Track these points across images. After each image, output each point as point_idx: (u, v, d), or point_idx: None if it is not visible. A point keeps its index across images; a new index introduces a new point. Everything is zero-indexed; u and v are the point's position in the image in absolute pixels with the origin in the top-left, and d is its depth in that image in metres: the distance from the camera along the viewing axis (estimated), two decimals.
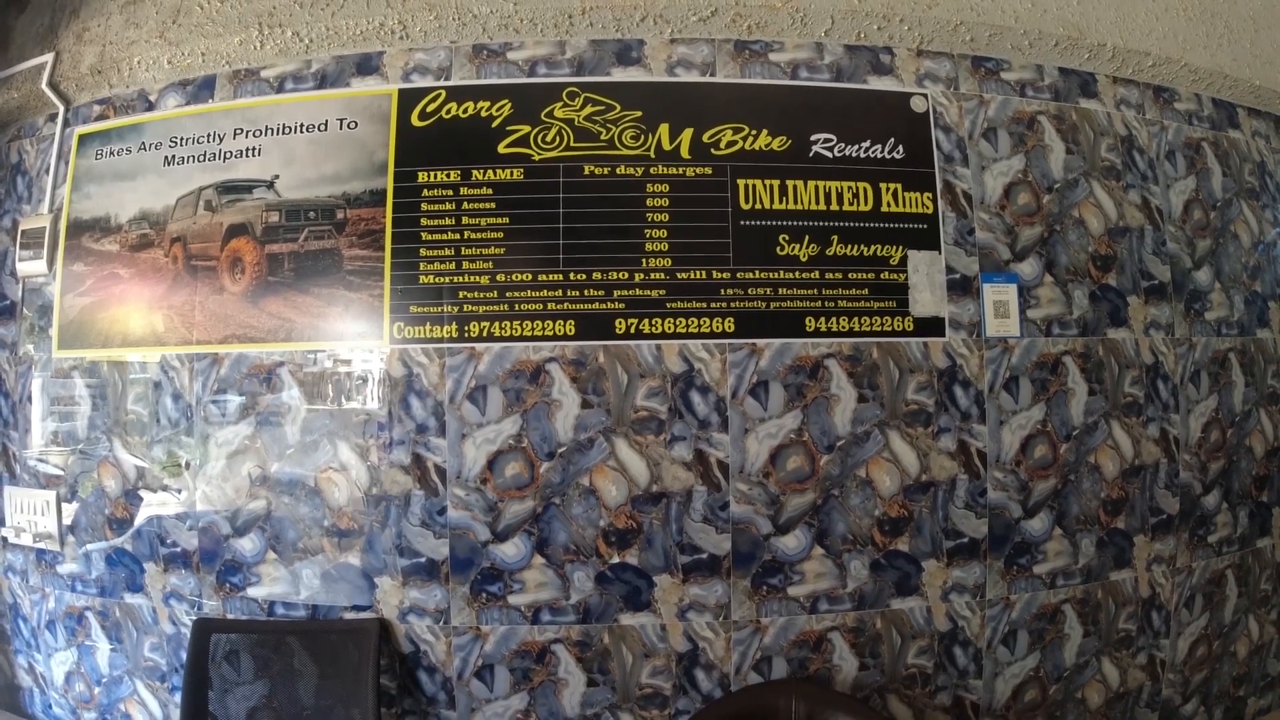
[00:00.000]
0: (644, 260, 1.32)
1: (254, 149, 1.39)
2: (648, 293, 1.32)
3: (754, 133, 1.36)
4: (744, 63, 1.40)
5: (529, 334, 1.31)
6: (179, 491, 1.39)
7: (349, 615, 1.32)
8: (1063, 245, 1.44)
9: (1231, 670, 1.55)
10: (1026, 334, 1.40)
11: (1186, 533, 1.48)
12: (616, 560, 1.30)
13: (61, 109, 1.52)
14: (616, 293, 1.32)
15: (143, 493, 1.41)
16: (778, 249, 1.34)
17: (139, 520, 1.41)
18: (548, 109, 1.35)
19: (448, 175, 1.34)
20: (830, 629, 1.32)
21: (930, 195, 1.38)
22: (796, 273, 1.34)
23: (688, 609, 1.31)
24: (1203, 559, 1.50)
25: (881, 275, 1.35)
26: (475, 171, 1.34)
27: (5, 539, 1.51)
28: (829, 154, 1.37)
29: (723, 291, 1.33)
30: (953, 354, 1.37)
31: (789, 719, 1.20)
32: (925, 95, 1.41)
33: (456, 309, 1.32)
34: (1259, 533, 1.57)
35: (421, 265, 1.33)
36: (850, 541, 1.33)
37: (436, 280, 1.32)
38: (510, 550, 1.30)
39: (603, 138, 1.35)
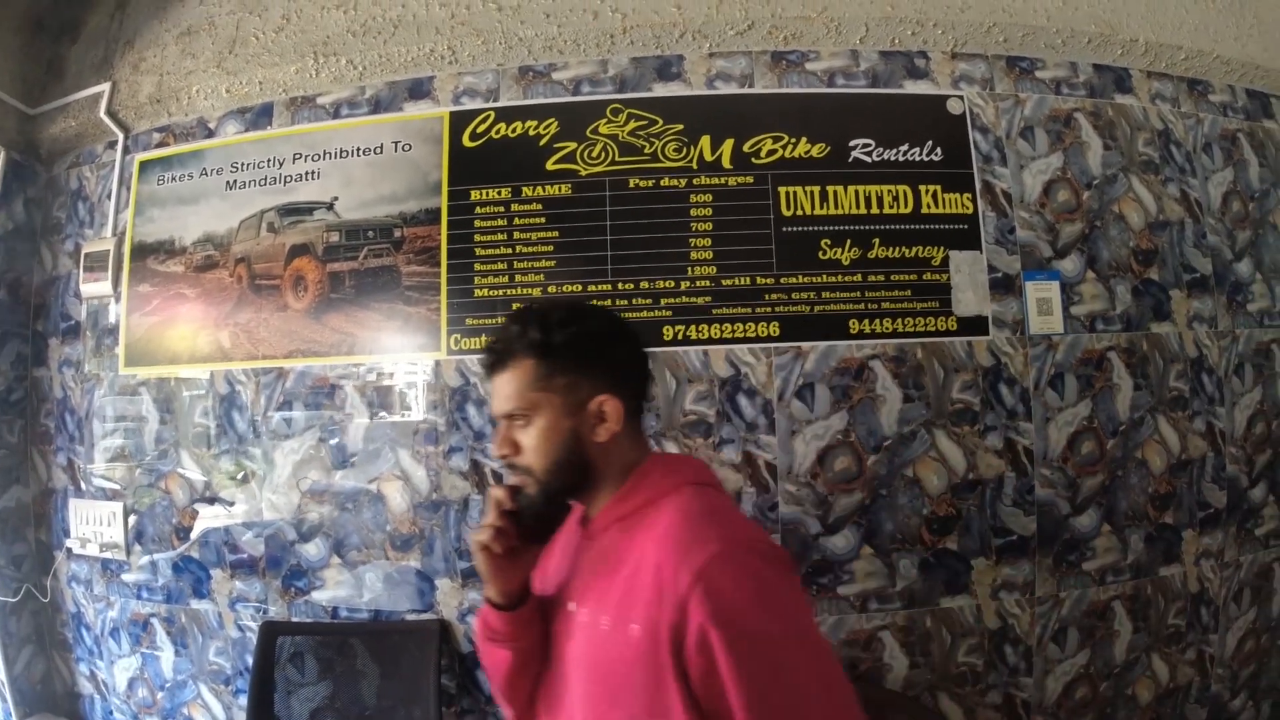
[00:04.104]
0: (689, 269, 1.36)
1: (313, 172, 1.45)
2: (694, 300, 1.35)
3: (793, 141, 1.39)
4: (781, 73, 1.43)
5: None
6: (245, 501, 1.44)
7: (410, 617, 1.36)
8: (1104, 241, 1.45)
9: (1279, 665, 1.54)
10: (1070, 330, 1.41)
11: (1234, 526, 1.47)
12: None
13: (121, 136, 1.58)
14: (664, 301, 1.35)
15: (209, 503, 1.46)
16: (820, 253, 1.36)
17: (206, 529, 1.46)
18: (592, 126, 1.39)
19: (499, 193, 1.39)
20: (880, 628, 1.33)
21: (970, 195, 1.40)
22: (839, 276, 1.36)
23: None
24: (1250, 552, 1.49)
25: (924, 276, 1.37)
26: (525, 188, 1.39)
27: (70, 549, 1.56)
28: (868, 158, 1.39)
29: (767, 297, 1.35)
30: (997, 352, 1.38)
31: None
32: (961, 97, 1.43)
33: None
34: None
35: (476, 279, 1.37)
36: (899, 541, 1.34)
37: (490, 293, 1.37)
38: None
39: (646, 151, 1.38)
